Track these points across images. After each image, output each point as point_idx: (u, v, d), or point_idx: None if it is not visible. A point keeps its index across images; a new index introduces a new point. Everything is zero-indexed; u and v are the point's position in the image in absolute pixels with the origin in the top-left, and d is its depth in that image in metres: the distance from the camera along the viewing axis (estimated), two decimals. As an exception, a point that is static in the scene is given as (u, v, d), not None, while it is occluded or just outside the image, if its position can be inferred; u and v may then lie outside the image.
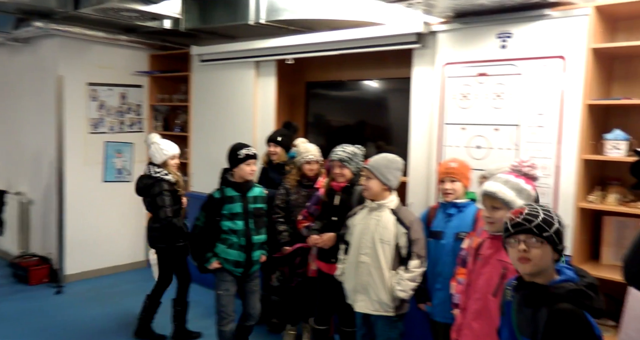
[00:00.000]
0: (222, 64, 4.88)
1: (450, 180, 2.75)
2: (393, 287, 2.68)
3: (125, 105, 5.45)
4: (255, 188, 3.36)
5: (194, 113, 5.22)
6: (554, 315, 1.49)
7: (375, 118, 4.32)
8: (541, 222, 1.61)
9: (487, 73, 3.26)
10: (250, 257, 3.27)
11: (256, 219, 3.29)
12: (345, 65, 4.48)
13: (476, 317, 2.10)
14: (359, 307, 2.80)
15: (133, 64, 5.47)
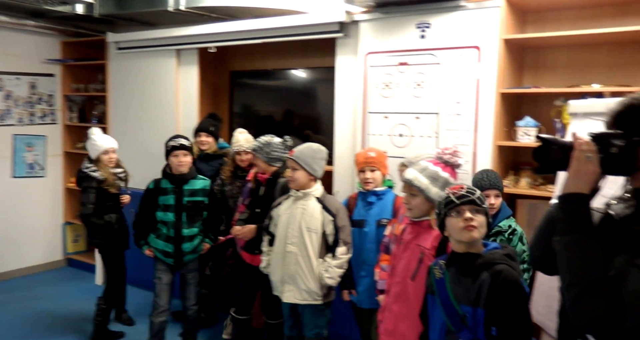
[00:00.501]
0: (141, 52, 4.68)
1: (370, 169, 2.81)
2: (321, 275, 2.70)
3: (36, 96, 5.10)
4: (197, 181, 3.32)
5: (112, 104, 4.97)
6: (495, 276, 1.62)
7: (303, 107, 4.31)
8: (480, 196, 1.77)
9: (407, 62, 3.32)
10: (179, 248, 3.25)
11: (190, 212, 3.25)
12: (270, 54, 4.43)
13: (396, 300, 2.16)
14: (286, 298, 2.78)
15: (43, 51, 5.12)
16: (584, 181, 1.17)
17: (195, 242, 3.32)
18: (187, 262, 3.33)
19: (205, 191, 3.33)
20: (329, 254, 2.73)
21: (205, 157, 3.89)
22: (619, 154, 1.18)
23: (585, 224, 1.16)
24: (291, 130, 4.14)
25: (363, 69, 3.49)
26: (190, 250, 3.30)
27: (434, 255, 2.05)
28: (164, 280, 3.31)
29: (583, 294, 1.10)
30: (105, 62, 4.95)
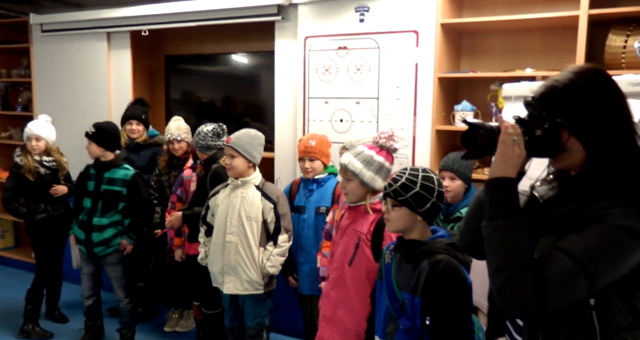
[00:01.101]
0: (69, 35, 4.40)
1: (309, 159, 2.75)
2: (263, 264, 2.64)
3: (-49, 81, 4.73)
4: (119, 170, 3.20)
5: (38, 90, 4.67)
6: (434, 266, 1.60)
7: (245, 94, 4.17)
8: (398, 187, 1.71)
9: (347, 47, 3.28)
10: (90, 237, 3.17)
11: (105, 200, 3.16)
12: (207, 37, 4.27)
13: (334, 286, 2.14)
14: (227, 289, 2.71)
15: (-42, 33, 4.74)
16: (511, 165, 1.16)
17: (106, 235, 3.18)
18: (101, 255, 3.21)
19: (125, 181, 3.19)
20: (270, 243, 2.67)
21: (135, 147, 3.72)
22: (543, 136, 1.18)
23: (512, 209, 1.14)
24: (232, 117, 4.02)
25: (303, 53, 3.42)
26: (98, 241, 3.17)
27: (370, 240, 2.03)
28: (84, 270, 3.31)
29: (509, 279, 1.09)
30: (29, 46, 4.63)
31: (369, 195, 2.10)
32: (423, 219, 1.71)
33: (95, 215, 3.17)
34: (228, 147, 2.67)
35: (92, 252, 3.20)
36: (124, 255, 3.27)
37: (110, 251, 3.21)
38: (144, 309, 3.82)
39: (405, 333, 1.67)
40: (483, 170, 3.04)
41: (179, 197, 3.26)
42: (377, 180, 2.08)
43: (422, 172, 1.74)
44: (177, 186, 3.27)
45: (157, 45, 4.43)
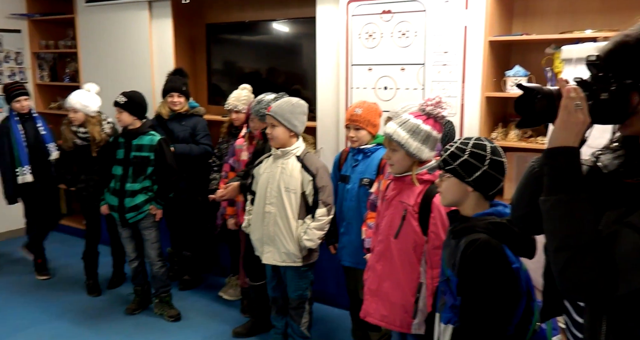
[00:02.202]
0: (111, 5, 4.41)
1: (355, 127, 2.64)
2: (300, 237, 2.62)
3: (2, 53, 4.84)
4: (146, 136, 3.26)
5: (84, 61, 4.74)
6: (469, 245, 1.50)
7: (285, 62, 4.08)
8: (447, 156, 1.63)
9: (391, 10, 3.14)
10: (122, 203, 3.26)
11: (135, 167, 3.24)
12: (248, 4, 4.19)
13: (379, 259, 2.09)
14: (266, 259, 2.71)
15: (6, 5, 4.83)
16: (573, 132, 1.04)
17: (137, 201, 3.26)
18: (133, 221, 3.31)
19: (152, 147, 3.26)
20: (309, 216, 2.64)
21: (176, 117, 3.71)
22: (609, 99, 1.06)
23: (575, 182, 1.04)
24: (276, 87, 3.96)
25: (345, 19, 3.31)
26: (130, 206, 3.25)
27: (417, 212, 1.96)
28: (124, 235, 3.43)
29: (572, 259, 1.00)
30: (74, 16, 4.68)
31: (415, 165, 2.01)
32: (474, 189, 1.60)
33: (128, 181, 3.25)
34: (269, 116, 2.62)
35: (124, 219, 3.29)
36: (156, 220, 3.35)
37: (142, 217, 3.30)
38: (190, 276, 3.90)
39: (450, 309, 1.61)
40: (536, 139, 2.90)
41: (231, 167, 3.26)
42: (424, 151, 1.98)
43: (474, 140, 1.62)
44: (230, 155, 3.27)
45: (197, 13, 4.38)
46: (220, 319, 3.42)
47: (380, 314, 2.07)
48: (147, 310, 3.53)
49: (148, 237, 3.35)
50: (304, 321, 2.80)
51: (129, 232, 3.40)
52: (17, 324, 3.37)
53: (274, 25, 4.04)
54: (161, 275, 3.41)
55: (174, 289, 3.58)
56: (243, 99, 3.44)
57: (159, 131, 3.43)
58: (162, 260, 3.42)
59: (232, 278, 3.74)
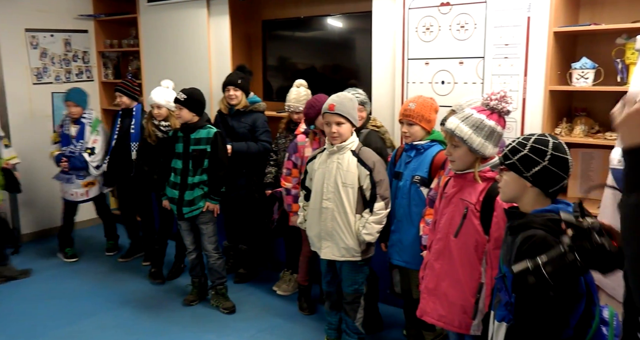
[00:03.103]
0: (172, 4, 4.53)
1: (407, 123, 2.59)
2: (359, 231, 2.60)
3: (71, 53, 5.08)
4: (203, 130, 3.35)
5: (145, 59, 4.90)
6: (524, 241, 1.45)
7: (339, 58, 4.04)
8: (508, 151, 1.59)
9: (450, 2, 3.06)
10: (182, 196, 3.34)
11: (194, 160, 3.33)
12: (303, 0, 4.20)
13: (437, 257, 2.04)
14: (324, 254, 2.71)
15: (75, 6, 5.06)
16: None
17: (195, 194, 3.34)
18: (188, 216, 3.37)
19: (209, 139, 3.34)
20: (367, 210, 2.62)
21: (235, 113, 3.77)
22: None
23: None
24: (330, 82, 3.96)
25: (402, 12, 3.25)
26: (189, 199, 3.33)
27: (478, 211, 1.90)
28: (183, 227, 3.50)
29: None
30: (137, 16, 4.84)
31: (478, 162, 1.95)
32: (533, 185, 1.55)
33: (189, 174, 3.33)
34: (335, 115, 2.60)
35: (181, 212, 3.37)
36: (214, 215, 3.42)
37: (197, 213, 3.37)
38: (245, 269, 3.97)
39: (505, 307, 1.56)
40: (604, 134, 2.74)
41: (294, 163, 3.25)
42: (488, 147, 1.92)
43: (537, 136, 1.58)
44: (292, 152, 3.25)
45: (254, 10, 4.43)
46: (273, 312, 3.47)
47: (437, 314, 2.03)
48: (204, 301, 3.62)
49: (205, 231, 3.43)
50: (359, 316, 2.79)
51: (187, 225, 3.48)
52: (84, 310, 3.54)
53: (329, 21, 4.03)
54: (217, 267, 3.48)
55: (229, 281, 3.65)
56: (302, 99, 3.45)
57: (220, 128, 3.50)
58: (219, 253, 3.49)
59: (286, 273, 3.78)
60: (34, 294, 3.80)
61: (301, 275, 3.43)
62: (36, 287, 3.91)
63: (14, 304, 3.64)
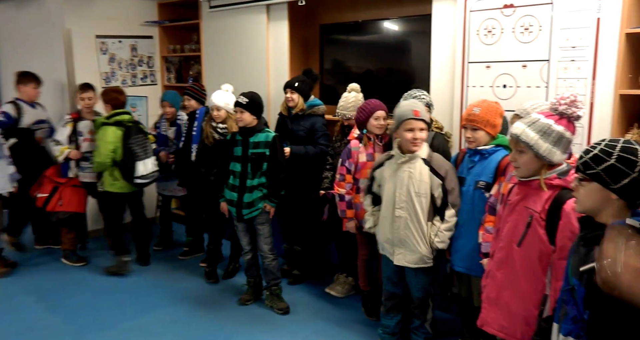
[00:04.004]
0: (232, 10, 4.65)
1: (472, 128, 2.52)
2: (432, 239, 2.59)
3: (137, 58, 5.31)
4: (262, 134, 3.38)
5: (206, 63, 5.05)
6: None
7: (396, 62, 4.02)
8: (589, 159, 1.49)
9: (514, 4, 2.98)
10: (241, 198, 3.39)
11: (253, 163, 3.37)
12: (362, 4, 4.21)
13: (499, 267, 1.98)
14: (397, 261, 2.73)
15: (142, 13, 5.28)
16: None
17: (254, 196, 3.39)
18: (248, 217, 3.43)
19: (267, 143, 3.38)
20: (437, 217, 2.61)
21: (295, 117, 3.81)
22: None
23: None
24: (387, 86, 3.95)
25: (462, 15, 3.20)
26: (248, 201, 3.38)
27: (544, 220, 1.83)
28: (239, 228, 3.56)
29: None
30: (199, 22, 5.00)
31: (545, 169, 1.88)
32: (619, 197, 1.45)
33: (248, 177, 3.39)
34: (419, 121, 2.59)
35: (240, 214, 3.43)
36: (269, 216, 3.47)
37: (256, 214, 3.42)
38: (300, 271, 4.00)
39: (571, 321, 1.49)
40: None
41: (347, 169, 3.22)
42: (555, 153, 1.84)
43: (622, 144, 1.46)
44: (345, 158, 3.23)
45: (312, 14, 4.48)
46: (326, 315, 3.48)
47: (499, 324, 1.97)
48: (259, 301, 3.68)
49: (261, 231, 3.48)
50: (429, 317, 2.82)
51: (244, 226, 3.55)
52: (146, 305, 3.67)
53: (386, 24, 4.01)
54: (272, 268, 3.52)
55: (283, 282, 3.69)
56: (350, 105, 3.46)
57: (280, 131, 3.55)
58: (274, 253, 3.53)
59: (340, 276, 3.78)
60: (101, 287, 3.99)
61: (362, 280, 3.41)
62: (103, 281, 4.10)
63: (84, 297, 3.82)
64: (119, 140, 3.96)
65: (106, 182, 4.05)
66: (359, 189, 3.18)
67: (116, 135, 3.96)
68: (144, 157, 4.02)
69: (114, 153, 3.96)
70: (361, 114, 3.13)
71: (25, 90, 4.44)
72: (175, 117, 4.37)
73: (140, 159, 3.99)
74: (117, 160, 3.98)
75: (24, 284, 4.04)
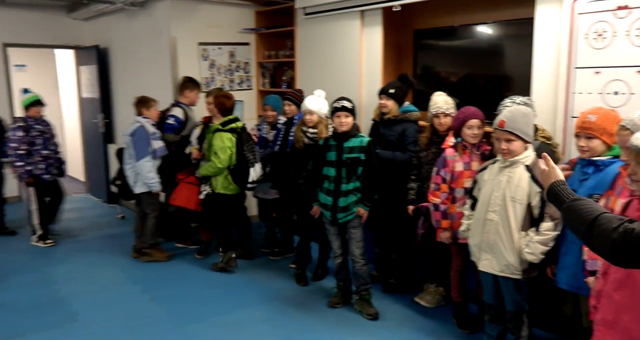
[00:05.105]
0: (327, 16, 4.74)
1: (586, 136, 2.38)
2: (521, 249, 2.49)
3: (234, 64, 5.55)
4: (356, 138, 3.42)
5: (299, 68, 5.17)
6: None
7: (494, 66, 3.89)
8: None
9: (629, 5, 2.80)
10: (336, 203, 3.43)
11: (348, 168, 3.40)
12: (457, 8, 4.13)
13: (617, 287, 1.85)
14: (482, 266, 2.67)
15: (240, 21, 5.52)
16: None
17: (349, 200, 3.42)
18: (342, 221, 3.46)
19: (362, 148, 3.40)
20: (533, 228, 2.49)
21: (388, 122, 3.80)
22: None
23: None
24: (481, 92, 3.85)
25: (569, 18, 3.05)
26: (342, 206, 3.41)
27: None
28: (332, 231, 3.61)
29: None
30: (294, 29, 5.14)
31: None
32: None
33: (342, 182, 3.42)
34: (504, 132, 2.53)
35: (335, 218, 3.47)
36: (362, 221, 3.48)
37: (351, 218, 3.45)
38: (396, 280, 3.96)
39: None
40: None
41: (443, 178, 3.16)
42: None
43: None
44: (440, 167, 3.17)
45: (406, 19, 4.46)
46: (416, 324, 3.44)
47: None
48: (348, 305, 3.71)
49: (354, 235, 3.50)
50: (524, 335, 2.69)
51: (336, 230, 3.60)
52: (238, 301, 3.83)
53: (483, 29, 3.90)
54: (363, 272, 3.53)
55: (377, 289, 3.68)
56: (451, 102, 3.40)
57: (372, 136, 3.57)
58: (365, 258, 3.54)
59: (429, 285, 3.73)
60: (199, 281, 4.21)
61: (454, 291, 3.34)
62: (201, 275, 4.32)
63: (186, 289, 4.06)
64: (234, 146, 4.11)
65: (220, 185, 4.18)
66: (454, 199, 3.12)
67: (232, 141, 4.10)
68: (254, 163, 4.17)
69: (231, 159, 4.11)
70: (455, 121, 3.08)
71: (190, 96, 4.75)
72: (276, 121, 4.51)
73: (252, 165, 4.14)
74: (231, 166, 4.13)
75: (134, 275, 4.36)
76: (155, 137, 4.43)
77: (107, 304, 3.80)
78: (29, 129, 4.81)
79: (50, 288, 4.07)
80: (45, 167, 4.92)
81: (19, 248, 5.04)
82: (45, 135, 4.95)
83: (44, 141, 4.91)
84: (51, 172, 4.99)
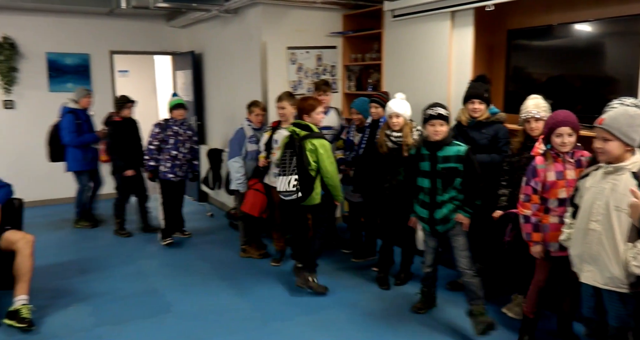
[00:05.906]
0: (415, 18, 4.68)
1: None
2: (628, 262, 2.32)
3: (321, 67, 5.63)
4: (452, 147, 3.25)
5: (386, 71, 5.15)
6: None
7: (596, 67, 3.64)
8: None
9: None
10: (433, 214, 3.31)
11: (443, 178, 3.25)
12: (555, 6, 3.93)
13: None
14: (585, 278, 2.51)
15: (328, 25, 5.59)
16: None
17: (445, 210, 3.28)
18: (442, 231, 3.34)
19: (460, 157, 3.21)
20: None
21: (476, 125, 3.70)
22: None
23: None
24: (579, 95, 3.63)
25: (686, 13, 2.80)
26: (441, 217, 3.29)
27: None
28: (429, 244, 3.49)
29: None
30: (381, 31, 5.13)
31: None
32: None
33: (437, 193, 3.28)
34: (600, 129, 2.39)
35: (435, 230, 3.37)
36: (464, 229, 3.32)
37: (450, 227, 3.32)
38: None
39: None
40: None
41: (533, 189, 2.95)
42: None
43: None
44: (530, 176, 2.97)
45: (499, 19, 4.30)
46: (504, 337, 3.31)
47: None
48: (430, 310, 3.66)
49: (456, 243, 3.33)
50: None
51: (434, 243, 3.47)
52: (320, 304, 3.88)
53: (583, 27, 3.68)
54: (472, 285, 3.28)
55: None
56: (542, 106, 3.25)
57: (460, 140, 3.45)
58: (472, 269, 3.30)
59: (517, 296, 3.56)
60: (283, 281, 4.30)
61: (529, 305, 3.16)
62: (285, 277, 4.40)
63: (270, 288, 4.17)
64: None
65: (317, 196, 3.85)
66: (548, 210, 2.96)
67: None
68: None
69: None
70: (544, 128, 2.92)
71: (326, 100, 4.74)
72: (364, 124, 4.51)
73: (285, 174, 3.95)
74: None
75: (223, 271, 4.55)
76: (252, 141, 4.56)
77: (197, 297, 3.99)
78: (166, 128, 5.01)
79: (146, 280, 4.34)
80: (170, 167, 5.00)
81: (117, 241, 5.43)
82: (179, 138, 5.02)
83: (175, 142, 4.99)
84: (176, 172, 5.05)
